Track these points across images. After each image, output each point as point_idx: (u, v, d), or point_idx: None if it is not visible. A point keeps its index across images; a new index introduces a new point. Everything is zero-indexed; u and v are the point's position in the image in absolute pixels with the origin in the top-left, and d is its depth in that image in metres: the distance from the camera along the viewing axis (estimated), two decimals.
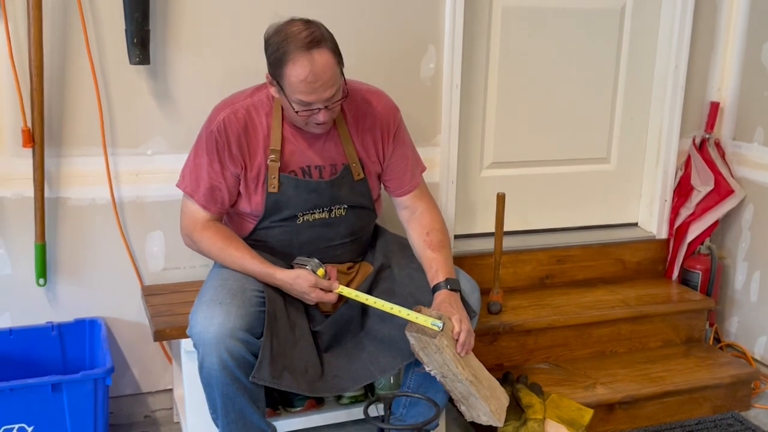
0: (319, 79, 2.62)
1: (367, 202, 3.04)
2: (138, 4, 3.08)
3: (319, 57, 2.62)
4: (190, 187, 2.89)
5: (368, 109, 2.97)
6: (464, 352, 2.73)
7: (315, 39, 2.63)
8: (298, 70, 2.62)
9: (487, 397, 2.80)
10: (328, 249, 3.01)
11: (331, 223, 2.98)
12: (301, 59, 2.61)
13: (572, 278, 4.15)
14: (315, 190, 2.91)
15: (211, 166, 2.84)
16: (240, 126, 2.83)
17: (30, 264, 3.24)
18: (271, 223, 2.94)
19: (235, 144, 2.83)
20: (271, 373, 2.68)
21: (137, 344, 3.49)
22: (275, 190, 2.87)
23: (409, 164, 3.08)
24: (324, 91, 2.66)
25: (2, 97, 3.10)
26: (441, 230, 3.03)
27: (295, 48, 2.61)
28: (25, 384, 2.86)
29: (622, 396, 3.51)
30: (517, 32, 3.89)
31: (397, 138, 3.03)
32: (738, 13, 4.12)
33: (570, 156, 4.18)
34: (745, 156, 4.15)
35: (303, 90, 2.64)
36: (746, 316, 4.19)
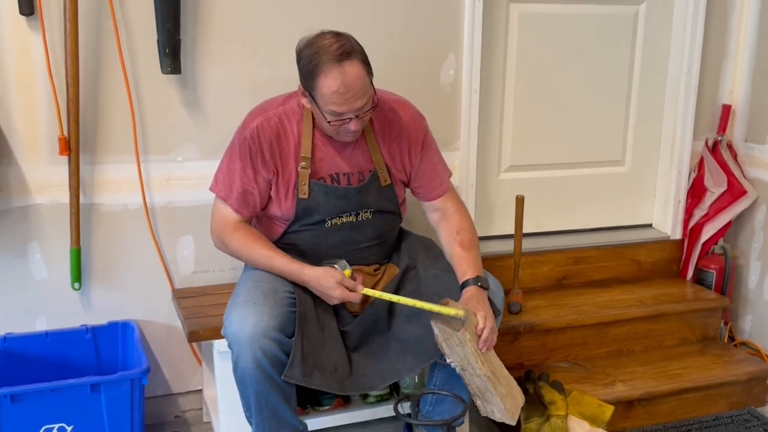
0: (350, 90, 2.70)
1: (393, 207, 3.12)
2: (170, 15, 3.17)
3: (350, 68, 2.70)
4: (223, 191, 2.96)
5: (395, 119, 3.05)
6: (485, 348, 2.80)
7: (345, 51, 2.70)
8: (330, 82, 2.69)
9: (503, 394, 2.86)
10: (355, 251, 3.08)
11: (359, 227, 3.06)
12: (332, 71, 2.68)
13: (589, 279, 4.22)
14: (344, 196, 2.99)
15: (244, 171, 2.91)
16: (273, 133, 2.91)
17: (65, 269, 3.33)
18: (300, 227, 3.01)
19: (267, 150, 2.90)
20: (303, 372, 2.76)
21: (168, 346, 3.58)
22: (305, 196, 2.94)
23: (438, 170, 3.16)
24: (355, 102, 2.73)
25: (39, 107, 3.19)
26: (470, 230, 3.11)
27: (327, 60, 2.69)
28: (65, 384, 2.94)
29: (641, 393, 3.58)
30: (533, 38, 3.98)
31: (425, 146, 3.11)
32: (749, 17, 4.19)
33: (585, 159, 4.26)
34: (757, 157, 4.23)
35: (335, 101, 2.71)
36: (760, 314, 4.26)
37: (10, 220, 3.25)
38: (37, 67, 3.16)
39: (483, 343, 2.78)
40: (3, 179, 3.20)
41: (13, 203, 3.24)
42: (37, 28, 3.12)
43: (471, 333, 2.74)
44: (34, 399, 2.91)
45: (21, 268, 3.31)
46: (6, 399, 2.86)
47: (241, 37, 3.40)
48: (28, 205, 3.26)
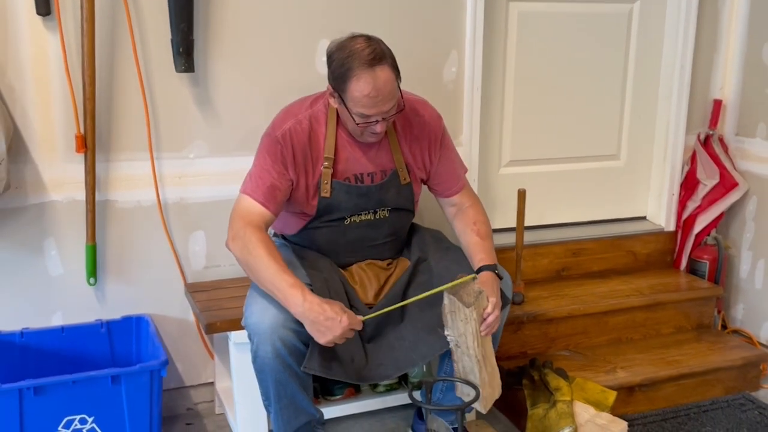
0: (380, 93, 2.77)
1: (410, 205, 3.20)
2: (183, 16, 3.24)
3: (381, 73, 2.77)
4: (250, 188, 2.94)
5: (416, 119, 3.12)
6: (486, 332, 2.87)
7: (377, 56, 2.77)
8: (362, 86, 2.76)
9: (484, 382, 2.92)
10: (371, 248, 3.17)
11: (375, 224, 3.14)
12: (365, 75, 2.75)
13: (587, 270, 4.32)
14: (365, 194, 3.06)
15: (274, 166, 2.93)
16: (305, 137, 2.96)
17: (81, 264, 3.39)
18: (320, 223, 3.09)
19: (300, 153, 2.95)
20: (321, 363, 2.83)
21: (180, 340, 3.64)
22: (327, 195, 3.01)
23: (455, 167, 3.24)
24: (383, 105, 2.80)
25: (55, 106, 3.25)
26: (486, 222, 3.20)
27: (359, 65, 2.75)
28: (86, 376, 3.00)
29: (641, 379, 3.68)
30: (531, 36, 4.07)
31: (444, 145, 3.19)
32: (739, 15, 4.31)
33: (582, 153, 4.36)
34: (748, 150, 4.34)
35: (365, 104, 2.78)
36: (751, 302, 4.38)
37: (27, 216, 3.30)
38: (53, 66, 3.22)
39: (485, 327, 2.86)
40: (20, 177, 3.26)
41: (29, 200, 3.29)
42: (53, 28, 3.18)
43: (478, 314, 2.81)
44: (56, 391, 2.96)
45: (37, 264, 3.36)
46: (29, 391, 2.91)
47: (252, 37, 3.47)
48: (45, 202, 3.32)
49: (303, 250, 3.15)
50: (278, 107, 3.11)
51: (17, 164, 3.24)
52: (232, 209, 2.97)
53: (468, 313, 2.78)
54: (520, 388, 3.50)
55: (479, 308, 2.82)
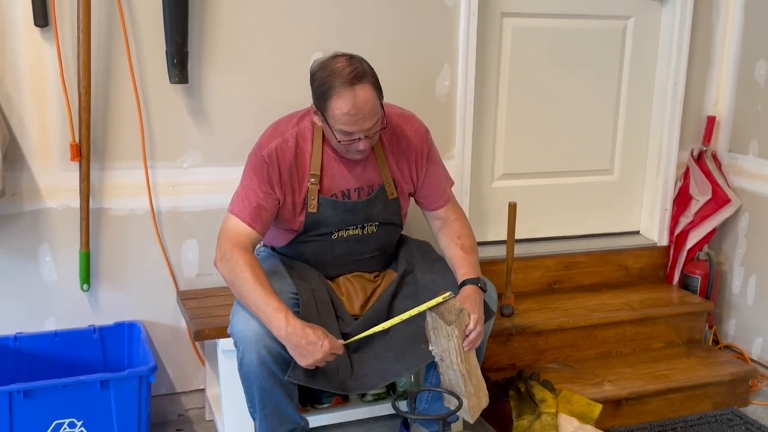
0: (360, 111, 2.81)
1: (397, 219, 3.24)
2: (178, 29, 3.30)
3: (362, 91, 2.80)
4: (237, 208, 2.98)
5: (402, 133, 3.15)
6: (468, 348, 2.90)
7: (358, 75, 2.81)
8: (341, 104, 2.80)
9: (470, 393, 2.95)
10: (358, 261, 3.21)
11: (363, 239, 3.18)
12: (345, 94, 2.79)
13: (579, 283, 4.35)
14: (351, 210, 3.10)
15: (260, 187, 2.97)
16: (291, 155, 3.00)
17: (74, 271, 3.44)
18: (307, 238, 3.13)
19: (286, 171, 2.99)
20: (305, 373, 2.85)
21: (172, 346, 3.69)
22: (314, 211, 3.05)
23: (441, 181, 3.28)
24: (365, 123, 2.84)
25: (51, 115, 3.31)
26: (471, 236, 3.22)
27: (340, 83, 2.79)
28: (75, 381, 3.05)
29: (628, 392, 3.70)
30: (525, 51, 4.11)
31: (430, 158, 3.22)
32: (732, 32, 4.34)
33: (575, 167, 4.38)
34: (740, 167, 4.37)
35: (346, 122, 2.82)
36: (743, 318, 4.40)
37: (22, 223, 3.35)
38: (50, 76, 3.27)
39: (468, 344, 2.88)
40: (16, 184, 3.31)
41: (25, 207, 3.35)
42: (50, 39, 3.23)
43: (459, 330, 2.84)
44: (45, 395, 3.01)
45: (32, 270, 3.41)
46: (19, 394, 2.96)
47: (246, 49, 3.52)
48: (40, 209, 3.37)
49: (291, 261, 3.19)
50: (271, 119, 3.16)
51: (13, 172, 3.29)
52: (220, 229, 3.01)
53: (450, 330, 2.82)
54: (507, 400, 3.53)
55: (461, 325, 2.85)
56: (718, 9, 4.32)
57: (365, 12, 3.64)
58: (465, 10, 3.79)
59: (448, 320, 2.81)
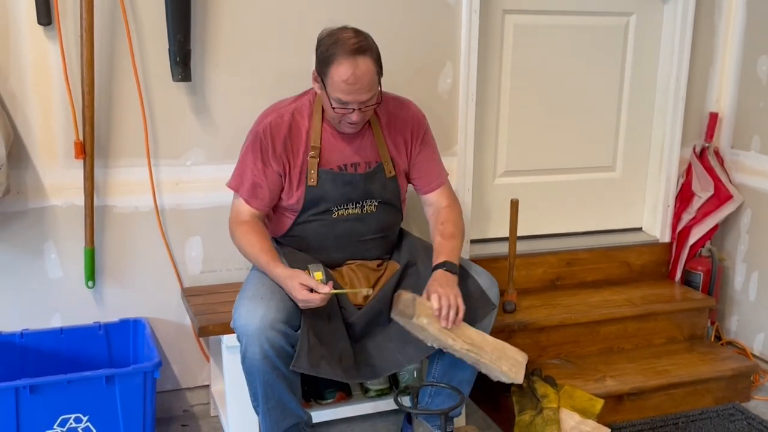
0: (358, 81, 2.90)
1: (396, 200, 3.29)
2: (181, 27, 3.32)
3: (363, 63, 2.91)
4: (235, 183, 3.15)
5: (399, 114, 3.26)
6: (449, 324, 2.93)
7: (361, 47, 2.92)
8: (341, 71, 2.90)
9: (494, 360, 3.00)
10: (359, 243, 3.25)
11: (363, 219, 3.22)
12: (345, 62, 2.89)
13: (581, 280, 4.37)
14: (350, 182, 3.15)
15: (255, 164, 3.10)
16: (285, 128, 3.10)
17: (79, 268, 3.46)
18: (308, 217, 3.18)
19: (280, 145, 3.08)
20: (309, 362, 2.89)
21: (176, 342, 3.71)
22: (314, 184, 3.11)
23: (434, 164, 3.35)
24: (361, 94, 2.93)
25: (55, 113, 3.33)
26: (454, 222, 3.28)
27: (343, 51, 2.90)
28: (81, 376, 3.07)
29: (630, 388, 3.72)
30: (527, 48, 4.13)
31: (425, 141, 3.31)
32: (735, 28, 4.35)
33: (577, 164, 4.40)
34: (742, 163, 4.38)
35: (343, 89, 2.92)
36: (745, 314, 4.42)
37: (27, 220, 3.38)
38: (54, 74, 3.30)
39: (444, 321, 2.92)
40: (20, 182, 3.33)
41: (29, 205, 3.37)
42: (54, 38, 3.26)
43: (427, 316, 2.89)
44: (51, 390, 3.04)
45: (37, 267, 3.44)
46: (25, 390, 2.98)
47: (249, 47, 3.54)
48: (45, 206, 3.39)
49: (294, 253, 3.21)
50: None
51: (18, 169, 3.32)
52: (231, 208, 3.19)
53: (417, 322, 2.88)
54: (509, 395, 3.55)
55: (426, 310, 2.90)
56: (720, 5, 4.33)
57: (368, 10, 3.66)
58: (467, 8, 3.80)
59: (408, 314, 2.88)
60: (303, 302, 2.89)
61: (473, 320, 3.08)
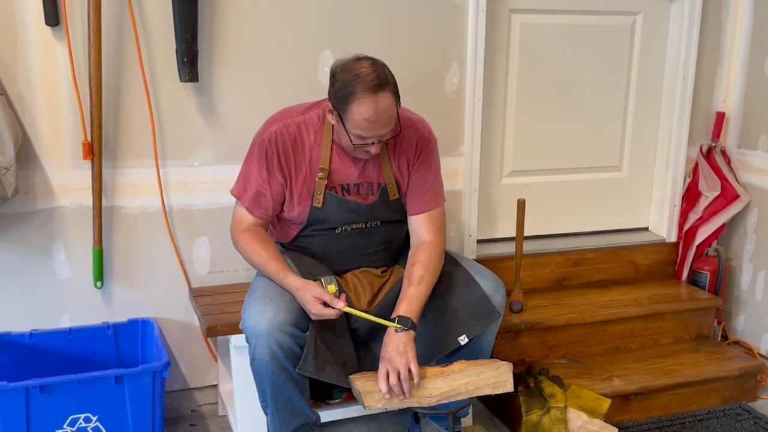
0: (380, 119, 2.84)
1: (400, 217, 3.26)
2: (188, 27, 3.33)
3: (383, 99, 2.83)
4: (238, 191, 3.14)
5: (407, 135, 3.15)
6: (406, 395, 2.91)
7: (381, 82, 2.83)
8: (363, 110, 2.82)
9: (473, 391, 2.99)
10: (363, 256, 3.25)
11: (367, 233, 3.21)
12: (367, 101, 2.81)
13: (588, 280, 4.37)
14: (355, 210, 3.14)
15: (260, 173, 3.07)
16: (290, 140, 3.05)
17: (88, 268, 3.47)
18: (312, 232, 3.17)
19: (283, 155, 3.05)
20: (315, 366, 2.90)
21: (185, 342, 3.72)
22: (319, 205, 3.10)
23: (427, 188, 3.21)
24: (381, 129, 2.88)
25: (63, 114, 3.34)
26: (426, 265, 3.08)
27: (363, 89, 2.81)
28: (90, 376, 3.09)
29: (637, 387, 3.73)
30: (534, 47, 4.13)
31: (424, 162, 3.20)
32: (742, 28, 4.35)
33: (584, 164, 4.40)
34: (749, 163, 4.38)
35: (364, 127, 2.86)
36: (752, 314, 4.42)
37: (36, 221, 3.39)
38: (61, 75, 3.31)
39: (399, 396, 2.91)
40: (29, 182, 3.35)
41: (38, 205, 3.38)
42: (62, 38, 3.27)
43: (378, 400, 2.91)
44: (61, 390, 3.05)
45: (46, 268, 3.45)
46: (35, 390, 3.00)
47: (256, 47, 3.54)
48: (53, 207, 3.41)
49: (299, 256, 3.21)
50: None
51: (26, 170, 3.33)
52: (232, 214, 3.17)
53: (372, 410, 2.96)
54: (516, 395, 3.55)
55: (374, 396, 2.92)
56: (728, 4, 4.33)
57: (375, 10, 3.66)
58: (473, 7, 3.81)
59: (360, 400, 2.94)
60: (316, 316, 2.89)
61: (474, 330, 3.08)
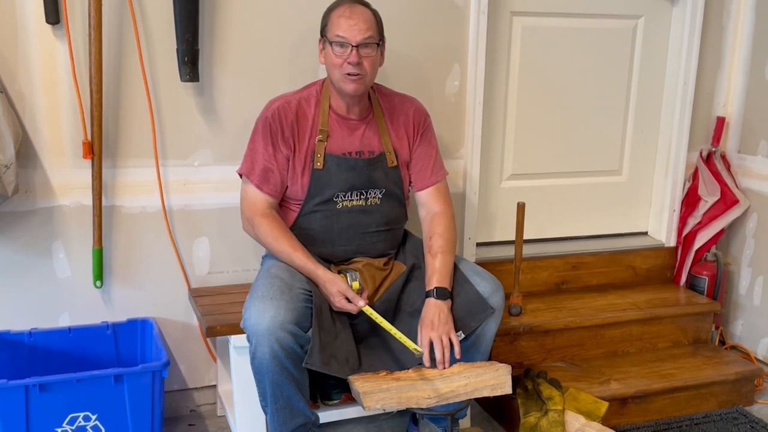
0: (354, 16, 3.07)
1: (399, 191, 3.32)
2: (189, 26, 3.33)
3: (360, 8, 3.11)
4: (246, 168, 3.20)
5: (403, 108, 3.34)
6: (442, 366, 3.02)
7: (361, 1, 3.16)
8: (339, 11, 3.09)
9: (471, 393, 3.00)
10: (365, 235, 3.28)
11: (368, 211, 3.26)
12: (344, 5, 3.11)
13: (586, 284, 4.38)
14: (354, 167, 3.20)
15: (266, 149, 3.15)
16: (293, 113, 3.16)
17: (87, 267, 3.47)
18: (313, 207, 3.21)
19: (288, 128, 3.14)
20: (321, 360, 2.92)
21: (184, 343, 3.72)
22: (320, 167, 3.17)
23: (431, 162, 3.37)
24: (358, 31, 3.05)
25: (63, 112, 3.34)
26: (443, 235, 3.27)
27: (342, 1, 3.13)
28: (90, 375, 3.09)
29: (635, 391, 3.73)
30: (535, 51, 4.13)
31: (425, 137, 3.36)
32: (743, 32, 4.36)
33: (584, 168, 4.41)
34: (749, 168, 4.39)
35: (340, 25, 3.06)
36: (750, 318, 4.42)
37: (36, 220, 3.39)
38: (62, 73, 3.31)
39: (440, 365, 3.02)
40: (29, 181, 3.35)
41: (38, 204, 3.38)
42: (62, 36, 3.27)
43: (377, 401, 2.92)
44: (61, 388, 3.05)
45: (45, 267, 3.45)
46: (35, 388, 3.00)
47: (257, 47, 3.55)
48: (53, 206, 3.40)
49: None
50: None
51: (26, 169, 3.33)
52: (240, 196, 3.26)
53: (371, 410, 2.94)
54: (514, 397, 3.55)
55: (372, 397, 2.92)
56: (729, 9, 4.34)
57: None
58: (475, 9, 3.81)
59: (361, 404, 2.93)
60: (338, 308, 3.05)
61: (470, 326, 3.13)
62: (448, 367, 3.01)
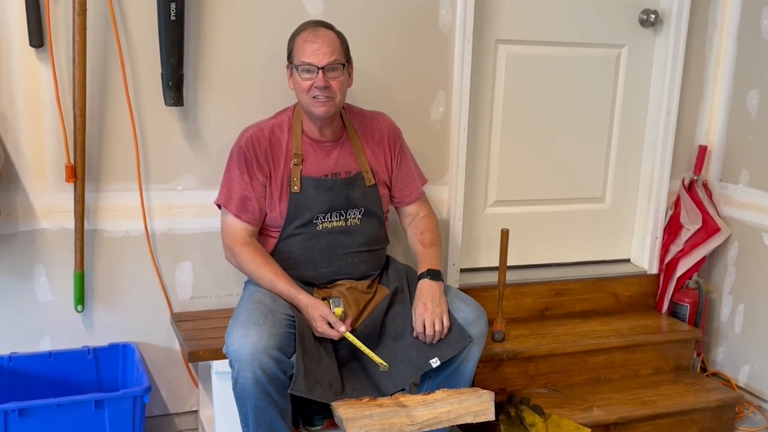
0: (318, 40, 3.09)
1: (378, 210, 3.34)
2: (174, 50, 3.32)
3: (323, 31, 3.14)
4: (223, 198, 3.23)
5: (376, 126, 3.38)
6: (435, 338, 3.10)
7: (324, 24, 3.18)
8: (303, 36, 3.12)
9: (454, 419, 3.02)
10: (345, 256, 3.28)
11: (348, 231, 3.27)
12: (307, 29, 3.14)
13: (569, 310, 4.37)
14: (332, 188, 3.22)
15: (242, 177, 3.18)
16: (266, 140, 3.20)
17: (69, 291, 3.45)
18: (293, 231, 3.21)
19: (262, 155, 3.17)
20: (306, 386, 2.92)
21: (165, 368, 3.70)
22: (297, 190, 3.19)
23: (412, 176, 3.48)
24: (324, 56, 3.08)
25: (46, 136, 3.32)
26: (433, 231, 3.43)
27: (305, 26, 3.17)
28: (70, 400, 3.07)
29: (617, 417, 3.73)
30: (519, 79, 4.14)
31: (402, 153, 3.42)
32: (725, 62, 4.38)
33: (567, 195, 4.41)
34: (731, 196, 4.40)
35: (305, 50, 3.09)
36: (731, 346, 4.42)
37: (17, 243, 3.37)
38: (45, 96, 3.29)
39: (429, 339, 3.11)
40: (11, 204, 3.33)
41: (19, 227, 3.36)
42: (46, 60, 3.25)
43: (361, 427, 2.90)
44: (40, 414, 3.03)
45: (26, 290, 3.43)
46: (14, 413, 2.98)
47: (242, 72, 3.54)
48: (35, 229, 3.39)
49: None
50: None
51: (8, 192, 3.31)
52: (220, 227, 3.29)
53: None
54: (497, 424, 3.54)
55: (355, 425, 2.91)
56: (711, 39, 4.36)
57: (361, 38, 3.64)
58: (460, 37, 3.82)
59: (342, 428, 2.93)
60: (320, 333, 3.05)
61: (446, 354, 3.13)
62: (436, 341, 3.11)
